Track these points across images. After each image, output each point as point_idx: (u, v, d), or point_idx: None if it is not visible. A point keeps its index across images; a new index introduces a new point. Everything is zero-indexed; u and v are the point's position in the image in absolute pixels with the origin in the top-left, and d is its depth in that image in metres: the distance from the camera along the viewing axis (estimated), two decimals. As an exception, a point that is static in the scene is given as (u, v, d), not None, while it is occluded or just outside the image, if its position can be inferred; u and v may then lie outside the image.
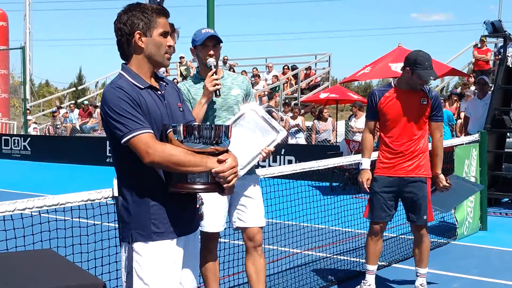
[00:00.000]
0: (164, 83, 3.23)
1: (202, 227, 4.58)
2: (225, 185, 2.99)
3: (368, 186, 5.51)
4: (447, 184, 5.59)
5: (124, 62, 3.16)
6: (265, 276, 4.78)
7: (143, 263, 3.06)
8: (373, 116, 5.55)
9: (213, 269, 4.73)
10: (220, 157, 2.96)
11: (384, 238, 6.32)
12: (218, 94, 4.45)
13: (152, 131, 2.97)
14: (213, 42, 4.51)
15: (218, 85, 4.41)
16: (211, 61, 4.52)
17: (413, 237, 5.76)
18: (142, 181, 3.06)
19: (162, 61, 3.16)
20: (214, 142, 2.98)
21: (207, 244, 4.70)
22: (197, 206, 3.45)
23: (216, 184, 3.00)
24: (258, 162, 4.61)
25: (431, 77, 5.32)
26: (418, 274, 5.67)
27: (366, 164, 5.58)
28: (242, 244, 4.81)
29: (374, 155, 5.73)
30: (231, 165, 2.97)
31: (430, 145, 5.61)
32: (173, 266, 3.12)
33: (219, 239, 4.84)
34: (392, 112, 5.38)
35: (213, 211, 4.56)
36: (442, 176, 5.57)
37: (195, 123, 3.19)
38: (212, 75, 4.43)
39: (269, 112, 18.45)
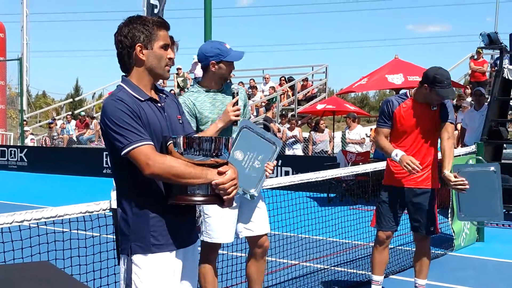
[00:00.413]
0: (164, 95, 3.24)
1: (212, 238, 4.61)
2: (225, 197, 2.99)
3: (418, 164, 5.19)
4: (459, 179, 5.20)
5: (124, 74, 3.17)
6: (263, 278, 4.94)
7: (142, 275, 3.05)
8: (387, 123, 5.45)
9: (212, 281, 4.74)
10: (220, 169, 2.96)
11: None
12: (236, 123, 4.44)
13: (152, 143, 2.97)
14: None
15: (239, 116, 4.40)
16: (235, 87, 4.57)
17: (409, 248, 5.77)
18: (142, 193, 3.06)
19: (163, 74, 3.17)
20: (214, 154, 2.98)
21: (208, 255, 4.72)
22: (195, 218, 3.46)
23: (216, 196, 3.01)
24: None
25: (450, 96, 5.25)
26: (416, 285, 5.66)
27: (398, 152, 5.28)
28: (241, 256, 4.82)
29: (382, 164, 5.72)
30: (231, 177, 2.97)
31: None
32: (172, 279, 3.12)
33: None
34: (407, 123, 5.37)
35: (223, 222, 4.60)
36: (448, 173, 5.23)
37: (195, 135, 3.19)
38: (235, 104, 4.40)
39: (267, 122, 18.48)
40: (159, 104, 3.13)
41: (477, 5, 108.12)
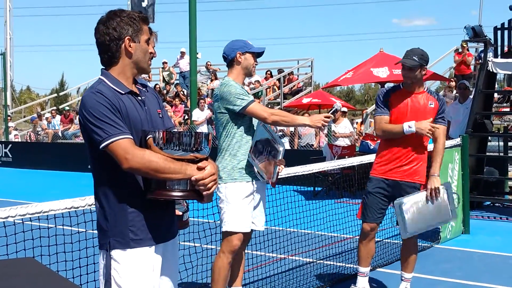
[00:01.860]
0: (144, 89, 3.24)
1: (236, 227, 4.71)
2: (204, 193, 2.98)
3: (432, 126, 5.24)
4: (440, 192, 5.38)
5: (103, 68, 3.16)
6: (243, 272, 5.13)
7: (121, 270, 3.04)
8: (385, 111, 5.42)
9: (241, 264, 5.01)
10: (200, 164, 2.95)
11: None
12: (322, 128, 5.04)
13: (131, 137, 2.95)
14: None
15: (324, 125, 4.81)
16: (338, 105, 5.24)
17: (396, 241, 5.78)
18: (120, 188, 3.03)
19: (147, 68, 3.20)
20: (193, 149, 2.96)
21: (234, 246, 4.77)
22: (181, 213, 3.44)
23: (195, 191, 2.99)
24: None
25: (403, 61, 5.33)
26: (403, 278, 5.68)
27: (410, 123, 5.25)
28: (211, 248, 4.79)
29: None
30: (211, 172, 2.96)
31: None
32: (151, 274, 3.11)
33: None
34: (398, 112, 5.36)
35: (246, 211, 4.75)
36: (437, 178, 5.38)
37: (174, 130, 3.17)
38: (329, 117, 4.80)
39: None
40: (139, 98, 3.12)
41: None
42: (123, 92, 3.03)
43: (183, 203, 3.41)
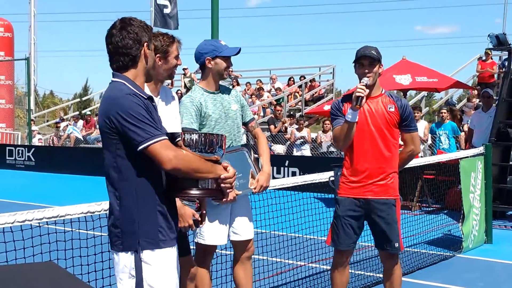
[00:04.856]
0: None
1: (204, 240, 4.57)
2: (228, 190, 3.15)
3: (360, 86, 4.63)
4: None
5: (115, 72, 3.20)
6: (252, 282, 4.90)
7: (153, 271, 3.11)
8: (342, 120, 4.80)
9: (208, 284, 4.73)
10: (224, 164, 3.12)
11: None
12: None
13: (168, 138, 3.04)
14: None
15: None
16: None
17: (416, 250, 5.64)
18: (151, 189, 3.10)
19: (154, 75, 3.53)
20: (208, 151, 3.09)
21: (205, 257, 4.70)
22: (198, 218, 3.55)
23: (218, 190, 3.14)
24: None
25: (365, 53, 4.76)
26: None
27: (348, 110, 4.69)
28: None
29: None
30: (234, 171, 3.14)
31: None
32: (177, 273, 3.24)
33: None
34: (357, 121, 4.72)
35: (218, 224, 4.56)
36: None
37: (177, 133, 3.26)
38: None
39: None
40: (154, 103, 3.19)
41: (485, 6, 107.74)
42: (145, 97, 3.09)
43: (196, 203, 3.51)
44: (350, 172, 4.88)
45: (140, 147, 2.94)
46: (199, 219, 3.52)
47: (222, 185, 3.10)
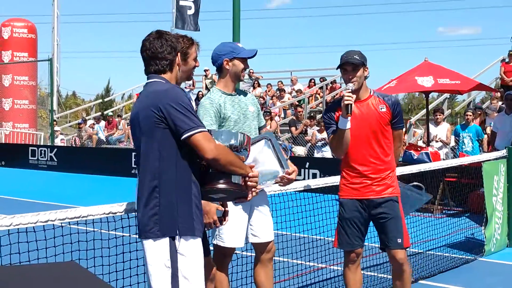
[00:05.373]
0: None
1: (224, 242, 4.57)
2: (253, 188, 3.44)
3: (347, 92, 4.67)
4: None
5: (151, 74, 3.55)
6: (272, 284, 4.91)
7: (187, 261, 3.30)
8: (335, 128, 4.84)
9: (226, 285, 4.73)
10: (250, 163, 3.48)
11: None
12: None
13: None
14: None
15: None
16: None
17: (439, 253, 5.58)
18: (187, 179, 3.32)
19: (179, 80, 3.75)
20: (235, 150, 3.36)
21: (223, 260, 4.70)
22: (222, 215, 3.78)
23: (244, 187, 3.40)
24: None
25: (347, 59, 4.71)
26: None
27: (342, 120, 4.70)
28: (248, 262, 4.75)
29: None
30: (258, 173, 3.47)
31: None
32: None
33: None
34: (351, 126, 4.72)
35: (236, 226, 4.56)
36: None
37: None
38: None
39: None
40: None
41: (509, 8, 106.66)
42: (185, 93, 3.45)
43: (219, 203, 3.70)
44: (349, 175, 4.92)
45: (185, 135, 3.19)
46: (224, 209, 3.70)
47: (249, 183, 3.36)
